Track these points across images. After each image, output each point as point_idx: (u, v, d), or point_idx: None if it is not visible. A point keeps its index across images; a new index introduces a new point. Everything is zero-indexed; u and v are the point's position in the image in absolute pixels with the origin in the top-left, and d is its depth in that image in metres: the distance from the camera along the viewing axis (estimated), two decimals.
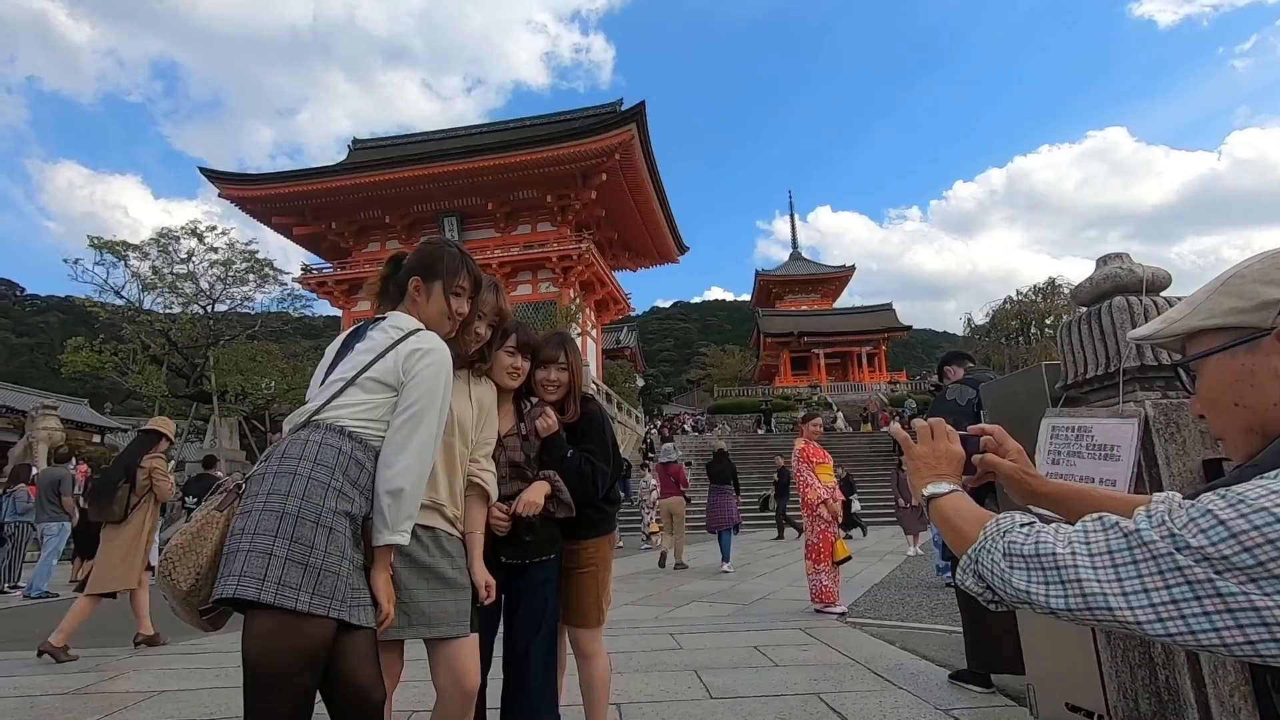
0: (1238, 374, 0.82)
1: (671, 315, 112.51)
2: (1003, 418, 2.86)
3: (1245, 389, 0.81)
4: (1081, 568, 0.73)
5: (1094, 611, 0.72)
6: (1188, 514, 0.69)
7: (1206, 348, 0.85)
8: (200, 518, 1.51)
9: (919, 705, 3.13)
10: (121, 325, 19.95)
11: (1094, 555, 0.73)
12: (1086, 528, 0.76)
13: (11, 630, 6.21)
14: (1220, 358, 0.84)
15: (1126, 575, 0.70)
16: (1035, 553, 0.77)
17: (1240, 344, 0.81)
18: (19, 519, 8.64)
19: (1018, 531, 0.81)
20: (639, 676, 3.77)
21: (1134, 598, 0.69)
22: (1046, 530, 0.79)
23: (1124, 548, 0.71)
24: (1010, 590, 0.79)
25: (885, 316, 50.56)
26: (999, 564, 0.80)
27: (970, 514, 0.92)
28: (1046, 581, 0.75)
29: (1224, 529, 0.65)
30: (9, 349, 70.85)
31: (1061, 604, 0.74)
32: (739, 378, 51.30)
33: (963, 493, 0.99)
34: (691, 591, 7.50)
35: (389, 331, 1.76)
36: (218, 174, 28.10)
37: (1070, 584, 0.73)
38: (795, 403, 37.02)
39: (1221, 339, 0.83)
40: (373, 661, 1.58)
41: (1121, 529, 0.73)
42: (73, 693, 3.67)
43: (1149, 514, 0.72)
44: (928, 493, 1.00)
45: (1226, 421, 0.85)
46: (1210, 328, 0.84)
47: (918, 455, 1.06)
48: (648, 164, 26.60)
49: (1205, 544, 0.66)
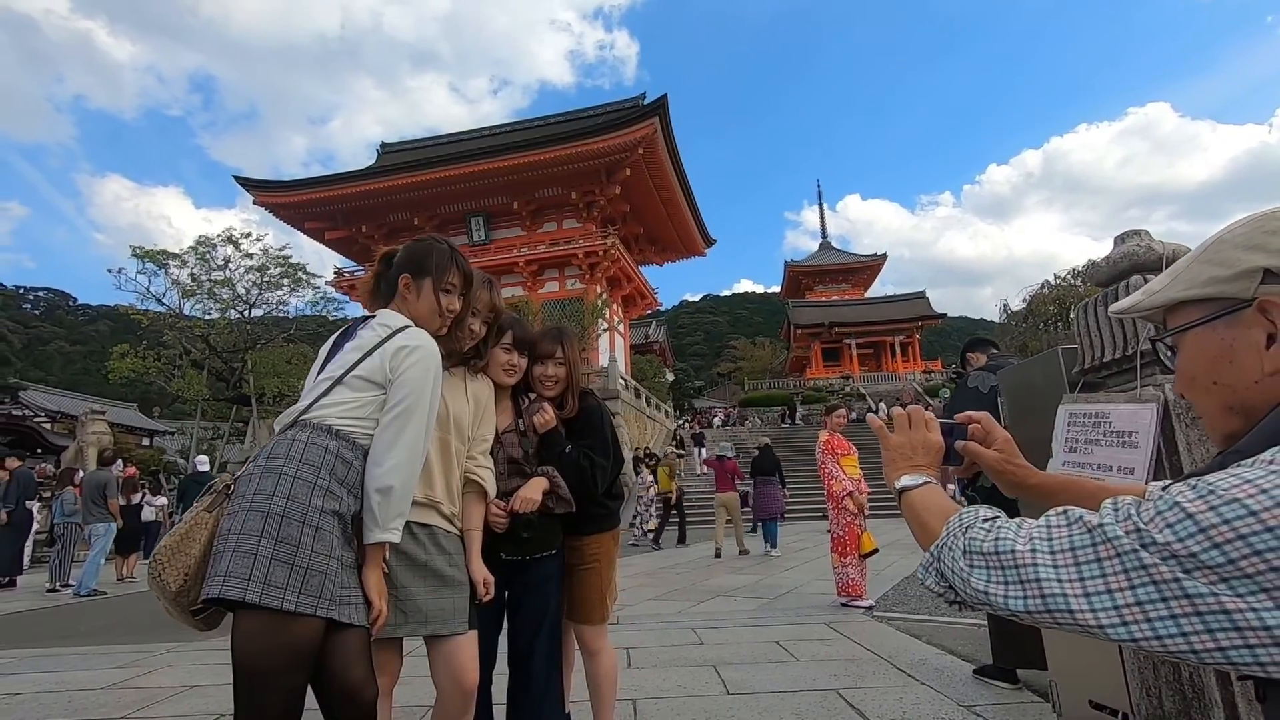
0: (1218, 349, 0.74)
1: (701, 309, 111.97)
2: (1020, 405, 2.76)
3: (1224, 365, 0.74)
4: (1041, 566, 0.67)
5: (1054, 614, 0.66)
6: (1155, 507, 0.62)
7: (1185, 321, 0.78)
8: (189, 519, 1.53)
9: (941, 701, 3.05)
10: (163, 331, 20.64)
11: (1055, 552, 0.67)
12: (1050, 522, 0.70)
13: (62, 627, 6.46)
14: (1199, 332, 0.76)
15: (1089, 574, 0.64)
16: (994, 550, 0.71)
17: (1220, 316, 0.74)
18: (67, 520, 9.00)
19: (979, 527, 0.76)
20: (657, 671, 3.75)
21: (1096, 599, 0.63)
22: (1008, 526, 0.73)
23: (1087, 544, 0.65)
24: (970, 590, 0.74)
25: (918, 305, 49.58)
26: (959, 562, 0.75)
27: (937, 508, 0.86)
28: (1006, 581, 0.70)
29: (1192, 523, 0.59)
30: (63, 357, 73.86)
31: (1020, 605, 0.68)
32: (770, 370, 50.90)
33: (935, 485, 0.93)
34: (717, 586, 7.45)
35: (377, 329, 1.76)
36: (252, 182, 28.77)
37: (1029, 584, 0.68)
38: (827, 394, 36.56)
39: (1201, 311, 0.76)
40: (364, 660, 1.59)
41: (1085, 524, 0.67)
42: (108, 687, 3.79)
43: (1115, 507, 0.66)
44: (899, 485, 0.95)
45: (1205, 401, 0.78)
46: (1190, 299, 0.77)
47: (894, 446, 1.01)
48: (671, 157, 26.45)
49: (1172, 540, 0.59)
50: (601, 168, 25.59)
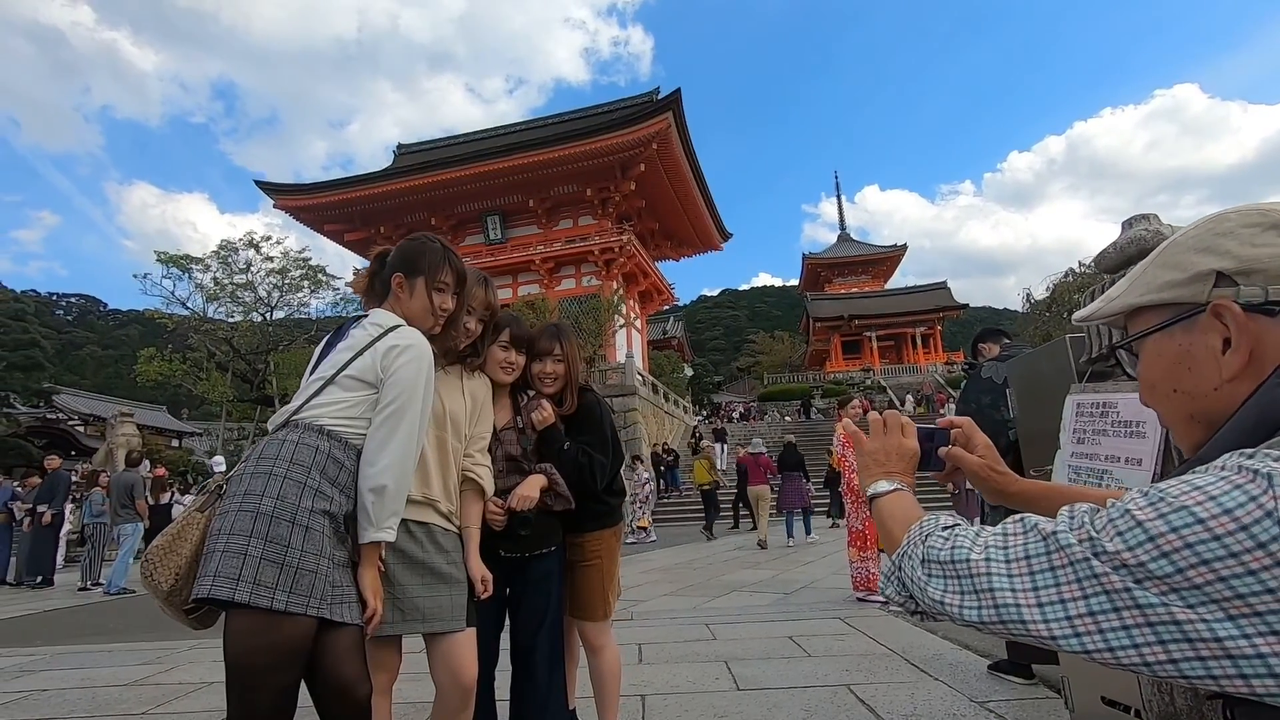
0: (1176, 355, 0.72)
1: (719, 303, 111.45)
2: (1029, 396, 2.71)
3: (1184, 372, 0.71)
4: (995, 575, 0.65)
5: (1007, 624, 0.64)
6: (1107, 514, 0.60)
7: (1144, 327, 0.75)
8: (182, 519, 1.55)
9: (953, 697, 3.01)
10: (188, 335, 21.05)
11: (1010, 561, 0.65)
12: (1006, 530, 0.68)
13: (92, 624, 6.63)
14: (1157, 338, 0.73)
15: (1043, 583, 0.62)
16: (950, 559, 0.70)
17: (1176, 321, 0.71)
18: (95, 521, 9.23)
19: (938, 535, 0.74)
20: (667, 667, 3.75)
21: (1049, 609, 0.61)
22: (966, 534, 0.71)
23: (1041, 552, 0.63)
24: (927, 600, 0.72)
25: (939, 295, 48.94)
26: (917, 571, 0.73)
27: (903, 515, 0.84)
28: (961, 591, 0.68)
29: (1141, 532, 0.56)
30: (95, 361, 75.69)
31: (975, 615, 0.67)
32: (789, 364, 50.62)
33: (905, 492, 0.91)
34: (733, 581, 7.43)
35: (369, 329, 1.77)
36: (272, 186, 29.16)
37: (984, 594, 0.66)
38: (847, 388, 36.23)
39: (1159, 316, 0.73)
40: (357, 657, 1.60)
41: (1040, 531, 0.65)
42: (131, 684, 3.87)
43: (1071, 514, 0.64)
44: (870, 492, 0.93)
45: (1167, 409, 0.75)
46: (1146, 304, 0.74)
47: (868, 451, 0.98)
48: (686, 152, 26.35)
49: (1121, 549, 0.57)
50: (616, 164, 25.56)
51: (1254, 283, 0.66)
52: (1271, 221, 0.68)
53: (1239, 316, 0.66)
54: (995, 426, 3.14)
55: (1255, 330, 0.66)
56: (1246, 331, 0.66)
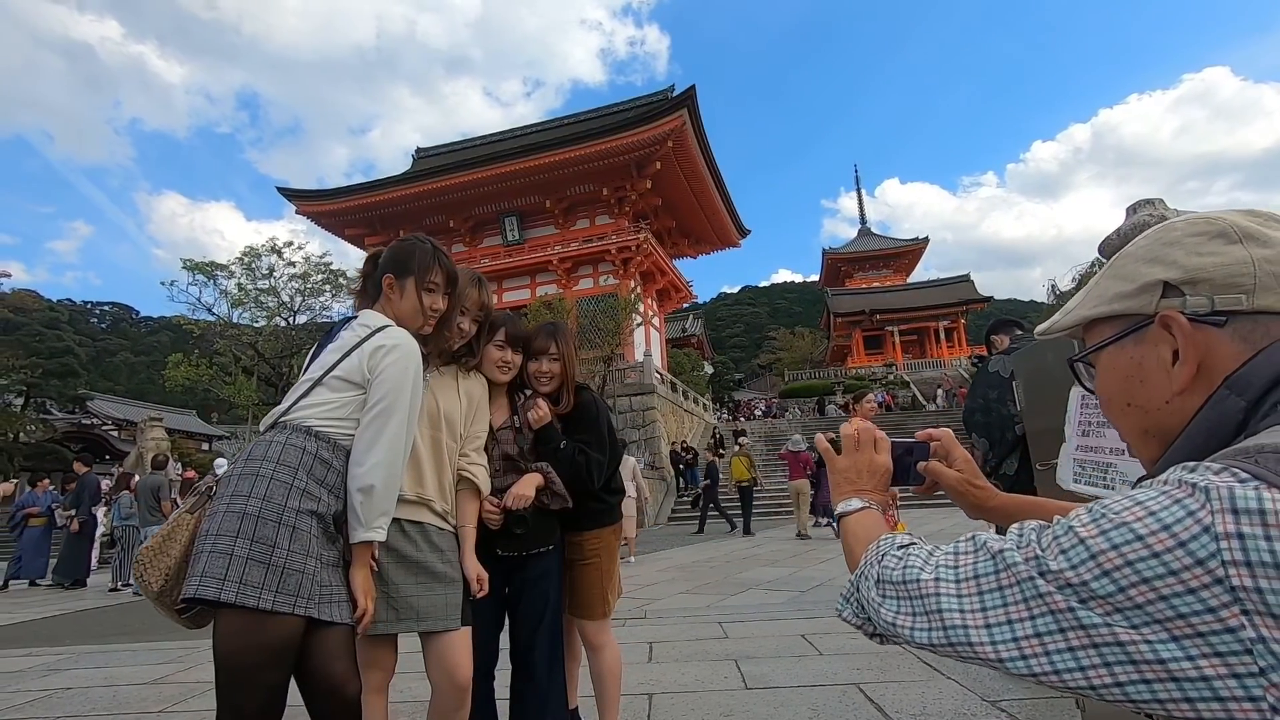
0: (1128, 369, 0.69)
1: (740, 300, 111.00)
2: (1035, 389, 2.65)
3: (1136, 385, 0.69)
4: (944, 595, 0.63)
5: (955, 646, 0.62)
6: (1054, 531, 0.58)
7: (1098, 340, 0.72)
8: (172, 520, 1.57)
9: (965, 696, 2.96)
10: (214, 340, 21.46)
11: (960, 581, 0.63)
12: (958, 549, 0.65)
13: (119, 624, 6.79)
14: (1110, 351, 0.71)
15: (991, 604, 0.60)
16: (902, 579, 0.67)
17: (1128, 334, 0.69)
18: (124, 523, 9.46)
19: (892, 555, 0.72)
20: (676, 666, 3.73)
21: (997, 630, 0.59)
22: (919, 553, 0.69)
23: (990, 571, 0.61)
24: (881, 622, 0.70)
25: (963, 288, 48.25)
26: (872, 592, 0.71)
27: (865, 535, 0.82)
28: (913, 612, 0.66)
29: (1084, 549, 0.54)
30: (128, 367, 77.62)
31: (925, 637, 0.64)
32: (810, 360, 50.23)
33: (873, 510, 0.88)
34: (749, 579, 7.39)
35: (357, 330, 1.78)
36: (294, 192, 29.61)
37: (933, 615, 0.63)
38: (870, 383, 35.92)
39: (1112, 329, 0.71)
40: (347, 656, 1.61)
41: (989, 550, 0.62)
42: (151, 682, 3.96)
43: (1020, 531, 0.62)
44: (838, 511, 0.91)
45: (1123, 424, 0.72)
46: (1100, 316, 0.71)
47: (840, 469, 0.96)
48: (702, 149, 26.22)
49: (1065, 567, 0.55)
50: (631, 162, 25.53)
51: (1200, 292, 0.64)
52: (1218, 230, 0.65)
53: (1185, 327, 0.64)
54: (1003, 421, 3.08)
55: (1203, 341, 0.64)
56: (1194, 342, 0.64)
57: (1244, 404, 0.61)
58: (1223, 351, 0.63)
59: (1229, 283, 0.63)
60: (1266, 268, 0.63)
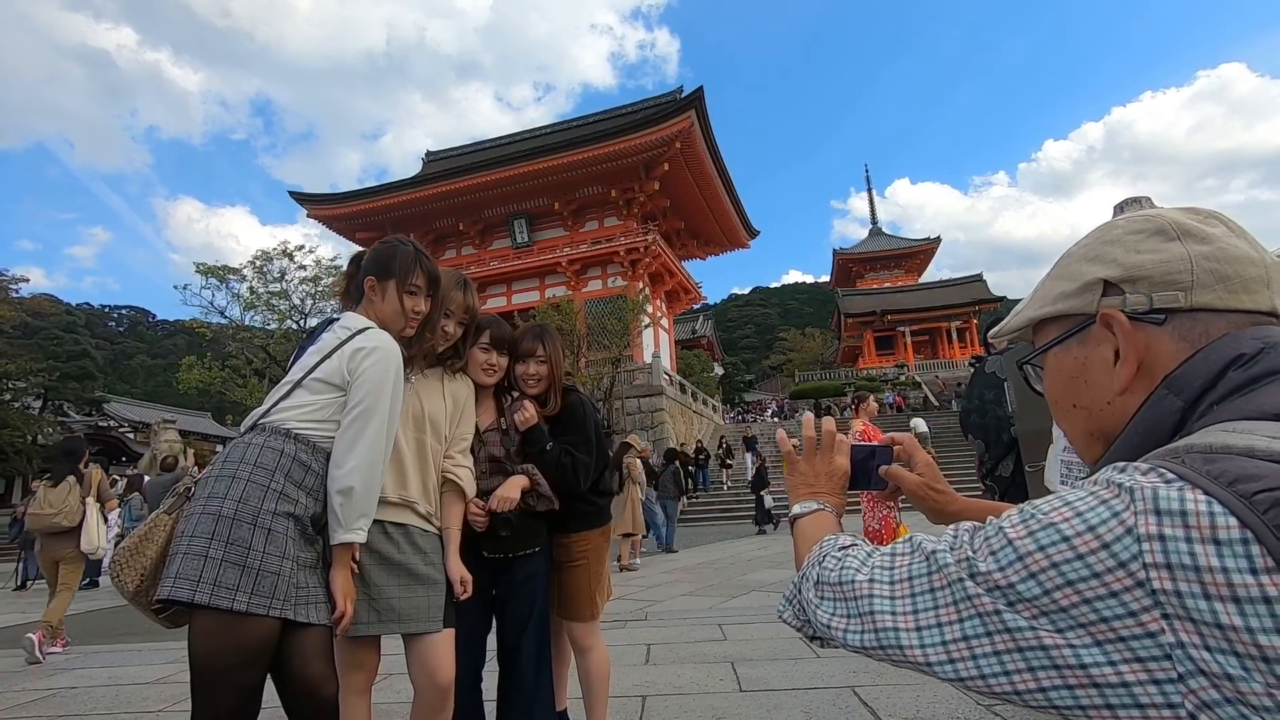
0: (1073, 369, 0.69)
1: (750, 302, 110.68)
2: (1024, 390, 2.62)
3: (1081, 386, 0.68)
4: (877, 597, 0.62)
5: (886, 649, 0.61)
6: (985, 532, 0.57)
7: (1045, 341, 0.72)
8: (149, 521, 1.59)
9: (960, 700, 2.92)
10: (227, 343, 21.67)
11: (894, 583, 0.62)
12: (895, 550, 0.65)
13: (126, 625, 6.86)
14: (1056, 352, 0.70)
15: (922, 606, 0.59)
16: (839, 580, 0.67)
17: (1072, 334, 0.68)
18: (135, 525, 9.57)
19: (832, 556, 0.71)
20: (672, 668, 3.72)
21: (927, 633, 0.58)
22: (858, 554, 0.69)
23: (922, 573, 0.60)
24: (818, 624, 0.69)
25: (975, 288, 47.87)
26: (810, 593, 0.71)
27: (812, 537, 0.81)
28: (847, 614, 0.65)
29: (1012, 550, 0.53)
30: (145, 370, 78.61)
31: (858, 640, 0.64)
32: (821, 361, 50.02)
33: (826, 513, 0.87)
34: (753, 581, 7.36)
35: (338, 332, 1.79)
36: (305, 196, 29.89)
37: (865, 616, 0.63)
38: (881, 383, 35.74)
39: (1057, 329, 0.70)
40: (324, 657, 1.61)
41: (923, 551, 0.62)
42: (154, 682, 4.00)
43: (955, 533, 0.61)
44: (791, 514, 0.90)
45: (1069, 426, 0.72)
46: (1045, 317, 0.71)
47: (799, 472, 0.95)
48: (710, 150, 26.20)
49: (993, 569, 0.54)
50: (639, 164, 25.55)
51: (1139, 290, 0.63)
52: (1156, 227, 0.64)
53: (1125, 326, 0.63)
54: (999, 423, 3.05)
55: (1143, 340, 0.63)
56: (1134, 341, 0.63)
57: (1181, 404, 0.60)
58: (1163, 350, 0.63)
59: (1167, 280, 0.63)
60: (1205, 265, 0.62)
